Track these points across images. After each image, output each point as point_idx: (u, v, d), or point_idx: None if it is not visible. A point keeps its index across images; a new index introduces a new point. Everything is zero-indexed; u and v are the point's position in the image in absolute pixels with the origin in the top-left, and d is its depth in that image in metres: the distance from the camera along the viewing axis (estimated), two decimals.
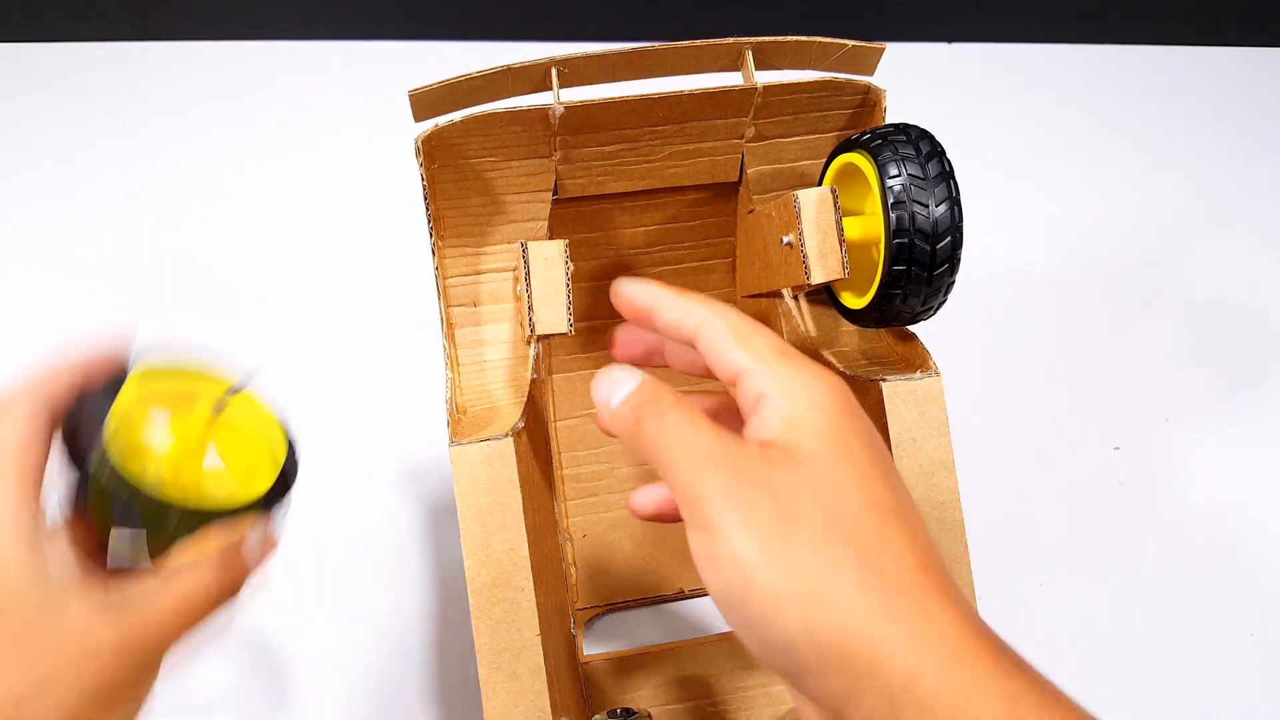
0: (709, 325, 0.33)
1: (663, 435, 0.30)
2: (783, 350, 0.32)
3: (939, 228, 0.39)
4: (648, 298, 0.35)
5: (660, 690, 0.52)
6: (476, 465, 0.38)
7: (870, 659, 0.26)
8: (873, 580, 0.27)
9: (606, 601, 0.56)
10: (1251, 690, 0.56)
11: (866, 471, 0.29)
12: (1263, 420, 0.69)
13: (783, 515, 0.28)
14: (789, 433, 0.30)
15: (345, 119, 0.80)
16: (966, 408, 0.64)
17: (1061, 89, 0.92)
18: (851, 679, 0.26)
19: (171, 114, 0.82)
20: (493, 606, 0.38)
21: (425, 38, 0.88)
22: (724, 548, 0.28)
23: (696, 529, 0.29)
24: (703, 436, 0.30)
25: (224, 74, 0.85)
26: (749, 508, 0.28)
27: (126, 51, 0.86)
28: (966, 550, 0.42)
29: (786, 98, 0.45)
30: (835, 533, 0.28)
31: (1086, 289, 0.76)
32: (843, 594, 0.27)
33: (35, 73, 0.84)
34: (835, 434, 0.30)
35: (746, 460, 0.29)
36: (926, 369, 0.42)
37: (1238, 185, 0.84)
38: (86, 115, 0.82)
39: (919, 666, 0.26)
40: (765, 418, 0.30)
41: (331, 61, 0.86)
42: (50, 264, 0.72)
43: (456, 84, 0.42)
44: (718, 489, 0.28)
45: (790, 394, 0.30)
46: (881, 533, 0.28)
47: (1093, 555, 0.62)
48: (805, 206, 0.41)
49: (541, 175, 0.46)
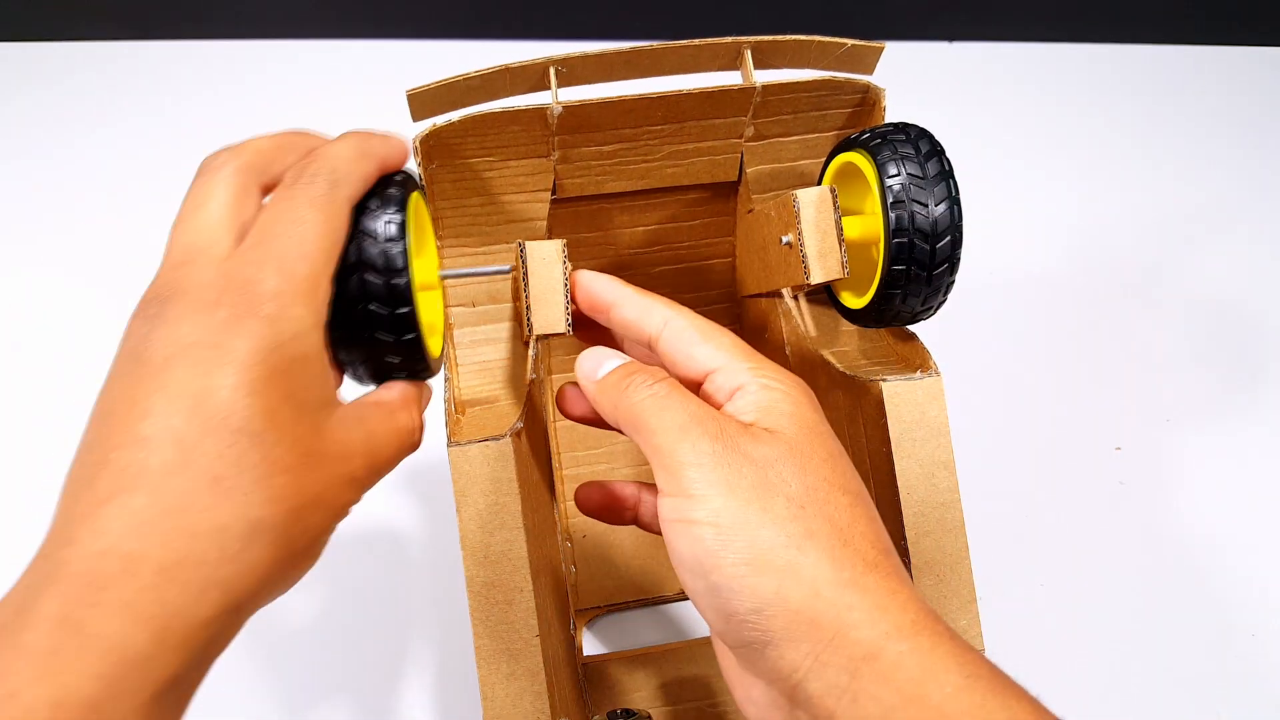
0: (674, 324, 0.34)
1: (650, 401, 0.31)
2: (749, 350, 0.33)
3: (938, 227, 0.39)
4: (610, 293, 0.36)
5: (660, 690, 0.51)
6: (475, 466, 0.38)
7: (836, 627, 0.27)
8: (843, 553, 0.28)
9: (606, 602, 0.56)
10: (1251, 690, 0.56)
11: (835, 459, 0.31)
12: (1264, 420, 0.69)
13: (763, 483, 0.29)
14: (767, 419, 0.31)
15: (346, 119, 0.80)
16: (968, 408, 0.64)
17: (1061, 89, 0.92)
18: (815, 647, 0.27)
19: (171, 113, 0.82)
20: (491, 608, 0.38)
21: (423, 37, 0.88)
22: (704, 512, 0.29)
23: (673, 494, 0.30)
24: (690, 406, 0.31)
25: (223, 73, 0.85)
26: (731, 474, 0.29)
27: (126, 51, 0.86)
28: (967, 550, 0.42)
29: (786, 97, 0.45)
30: (810, 506, 0.29)
31: (1087, 288, 0.76)
32: (816, 562, 0.28)
33: (35, 73, 0.84)
34: (808, 423, 0.31)
35: (731, 430, 0.30)
36: (927, 369, 0.42)
37: (1239, 184, 0.84)
38: (86, 115, 0.82)
39: (882, 637, 0.27)
40: (741, 406, 0.31)
41: (332, 61, 0.86)
42: (50, 263, 0.72)
43: (454, 84, 0.42)
44: (703, 454, 0.29)
45: (766, 386, 0.32)
46: (851, 514, 0.30)
47: (1094, 555, 0.62)
48: (804, 206, 0.41)
49: (540, 175, 0.46)
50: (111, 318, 0.68)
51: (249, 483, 0.26)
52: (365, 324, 0.33)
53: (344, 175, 0.31)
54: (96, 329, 0.68)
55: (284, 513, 0.27)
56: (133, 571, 0.25)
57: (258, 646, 0.55)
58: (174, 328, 0.27)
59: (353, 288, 0.32)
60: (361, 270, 0.32)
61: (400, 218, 0.33)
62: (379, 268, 0.32)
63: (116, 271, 0.72)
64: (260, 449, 0.27)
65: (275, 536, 0.27)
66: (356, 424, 0.31)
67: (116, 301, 0.69)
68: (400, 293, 0.33)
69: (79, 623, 0.24)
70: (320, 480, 0.29)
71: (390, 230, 0.33)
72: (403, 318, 0.33)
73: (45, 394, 0.65)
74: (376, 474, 0.32)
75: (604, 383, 0.34)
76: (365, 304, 0.32)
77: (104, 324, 0.69)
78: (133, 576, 0.25)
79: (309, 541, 0.29)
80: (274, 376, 0.28)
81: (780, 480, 0.29)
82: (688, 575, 0.29)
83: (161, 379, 0.27)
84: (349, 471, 0.30)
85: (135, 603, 0.24)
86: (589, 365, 0.35)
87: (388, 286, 0.32)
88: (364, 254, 0.32)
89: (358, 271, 0.32)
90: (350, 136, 0.33)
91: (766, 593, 0.28)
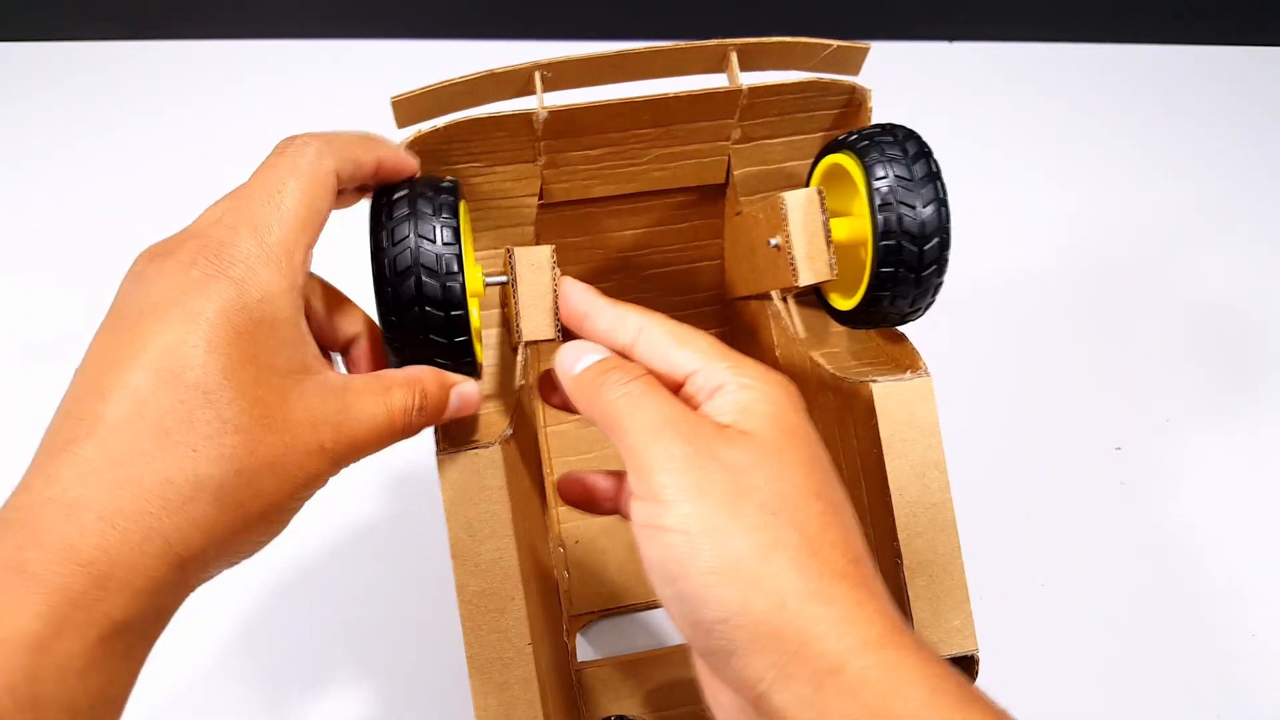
0: (649, 330, 0.34)
1: (624, 400, 0.31)
2: (726, 350, 0.33)
3: (926, 229, 0.39)
4: (583, 303, 0.36)
5: (654, 696, 0.51)
6: (464, 473, 0.38)
7: (801, 640, 0.27)
8: (810, 564, 0.28)
9: (600, 608, 0.56)
10: (1251, 690, 0.56)
11: (812, 463, 0.31)
12: (1264, 420, 0.69)
13: (734, 490, 0.29)
14: (744, 420, 0.31)
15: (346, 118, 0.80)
16: (969, 408, 0.64)
17: (1061, 89, 0.91)
18: (780, 659, 0.27)
19: (171, 113, 0.82)
20: (483, 616, 0.38)
21: (424, 37, 0.88)
22: (673, 518, 0.28)
23: (645, 498, 0.29)
24: (664, 407, 0.31)
25: (223, 73, 0.85)
26: (702, 479, 0.29)
27: (127, 51, 0.87)
28: (960, 551, 0.42)
29: (772, 99, 0.45)
30: (782, 514, 0.29)
31: (1088, 288, 0.76)
32: (782, 573, 0.28)
33: (35, 73, 0.85)
34: (787, 425, 0.31)
35: (705, 433, 0.30)
36: (917, 369, 0.42)
37: (1238, 185, 0.84)
38: (86, 115, 0.82)
39: (847, 651, 0.27)
40: (720, 405, 0.31)
41: (332, 60, 0.87)
42: (49, 263, 0.72)
43: (439, 90, 0.42)
44: (675, 458, 0.29)
45: (745, 386, 0.31)
46: (822, 522, 0.29)
47: (1094, 556, 0.62)
48: (792, 208, 0.41)
49: (527, 180, 0.46)
50: None
51: (198, 439, 0.27)
52: (419, 326, 0.34)
53: (334, 150, 0.32)
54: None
55: (233, 473, 0.28)
56: (74, 518, 0.25)
57: (251, 654, 0.55)
58: (151, 285, 0.29)
59: (409, 290, 0.33)
60: (418, 273, 0.33)
61: (455, 223, 0.34)
62: (435, 271, 0.33)
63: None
64: (213, 407, 0.27)
65: (223, 495, 0.28)
66: (334, 394, 0.31)
67: None
68: (455, 296, 0.34)
69: (22, 564, 0.25)
70: (278, 445, 0.29)
71: (445, 235, 0.34)
72: (456, 320, 0.34)
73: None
74: (354, 449, 0.32)
75: (580, 378, 0.33)
76: (420, 306, 0.33)
77: None
78: (74, 522, 0.25)
79: (264, 505, 0.29)
80: (238, 338, 0.28)
81: (752, 486, 0.29)
82: (657, 581, 0.29)
83: (131, 333, 0.28)
84: (316, 440, 0.30)
85: (76, 547, 0.25)
86: (568, 359, 0.34)
87: (443, 289, 0.33)
88: (421, 258, 0.33)
89: (414, 274, 0.33)
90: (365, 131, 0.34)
91: (733, 603, 0.27)
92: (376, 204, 0.35)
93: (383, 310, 0.34)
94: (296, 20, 0.88)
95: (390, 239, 0.34)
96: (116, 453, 0.26)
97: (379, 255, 0.34)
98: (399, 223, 0.34)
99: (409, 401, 0.33)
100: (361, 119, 0.71)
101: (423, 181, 0.36)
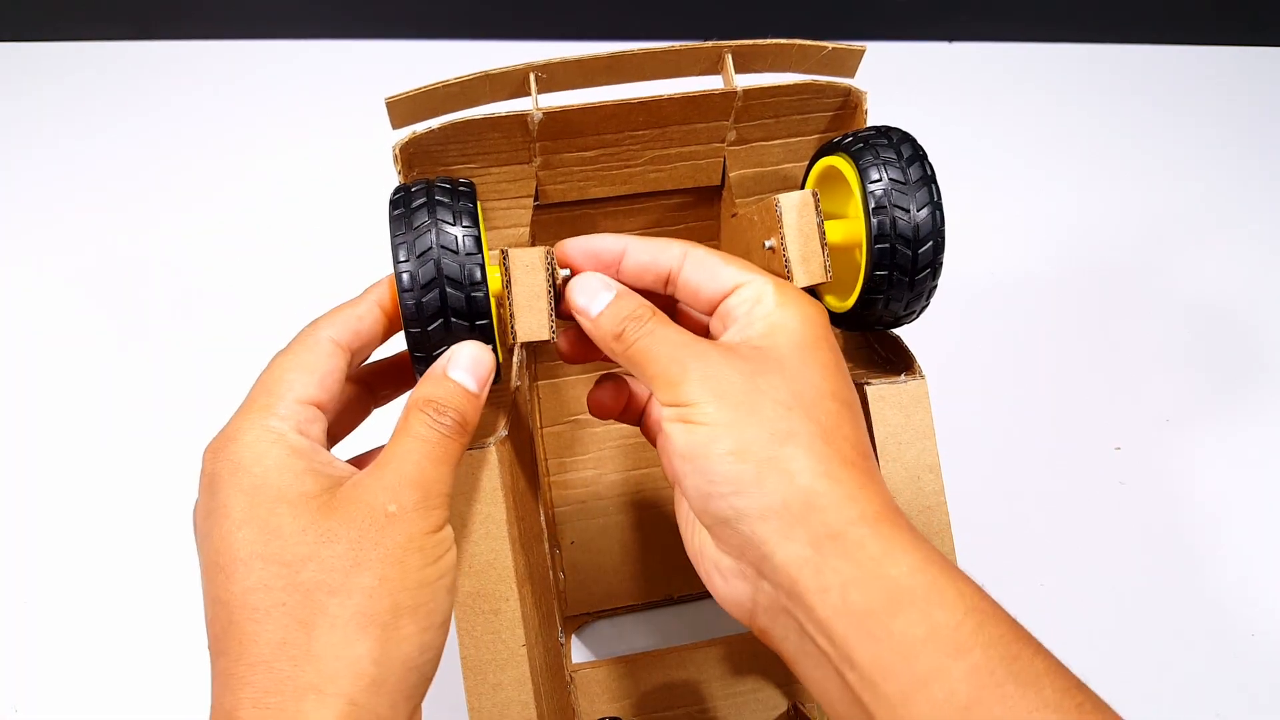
0: (694, 252, 0.37)
1: (646, 339, 0.34)
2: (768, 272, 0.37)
3: (920, 232, 0.39)
4: (615, 243, 0.38)
5: (650, 696, 0.51)
6: (459, 474, 0.38)
7: (807, 508, 0.30)
8: (823, 450, 0.32)
9: (595, 608, 0.56)
10: (1251, 690, 0.56)
11: (830, 370, 0.34)
12: (1263, 420, 0.69)
13: (752, 389, 0.32)
14: (770, 335, 0.34)
15: (346, 118, 0.80)
16: (969, 408, 0.64)
17: (1061, 89, 0.91)
18: (784, 524, 0.30)
19: (171, 113, 0.82)
20: (477, 617, 0.38)
21: (424, 36, 0.88)
22: (698, 414, 0.32)
23: (672, 404, 0.33)
24: (682, 335, 0.35)
25: (223, 73, 0.85)
26: (721, 382, 0.32)
27: (127, 51, 0.87)
28: (954, 553, 0.42)
29: (767, 101, 0.45)
30: (796, 409, 0.32)
31: (1088, 288, 0.76)
32: (794, 455, 0.31)
33: (35, 73, 0.85)
34: (810, 339, 0.34)
35: (720, 349, 0.34)
36: (911, 372, 0.42)
37: (1238, 185, 0.84)
38: (86, 115, 0.82)
39: (847, 521, 0.30)
40: (753, 318, 0.35)
41: (332, 60, 0.87)
42: (49, 263, 0.72)
43: (434, 91, 0.42)
44: (696, 370, 0.33)
45: (783, 303, 0.35)
46: (837, 418, 0.33)
47: (1094, 555, 0.62)
48: (786, 211, 0.41)
49: (522, 181, 0.46)
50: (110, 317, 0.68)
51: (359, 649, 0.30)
52: (445, 337, 0.34)
53: None
54: (95, 329, 0.69)
55: None
56: None
57: None
58: None
59: (433, 303, 0.33)
60: (443, 285, 0.33)
61: (476, 231, 0.34)
62: (460, 283, 0.33)
63: (116, 271, 0.72)
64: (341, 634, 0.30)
65: None
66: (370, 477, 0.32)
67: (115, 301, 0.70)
68: (480, 305, 0.34)
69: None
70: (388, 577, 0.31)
71: (468, 244, 0.34)
72: (481, 330, 0.34)
73: (44, 393, 0.66)
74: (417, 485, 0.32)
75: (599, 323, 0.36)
76: (446, 319, 0.34)
77: (103, 324, 0.70)
78: None
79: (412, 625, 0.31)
80: None
81: (770, 387, 0.32)
82: (678, 460, 0.33)
83: None
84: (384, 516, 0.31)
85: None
86: (583, 301, 0.37)
87: (468, 300, 0.34)
88: (444, 269, 0.33)
89: (439, 286, 0.33)
90: None
91: (747, 477, 0.31)
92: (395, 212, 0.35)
93: (409, 322, 0.34)
94: (295, 20, 0.88)
95: (411, 251, 0.34)
96: None
97: (400, 267, 0.34)
98: (420, 233, 0.34)
99: None
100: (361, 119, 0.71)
101: (439, 187, 0.35)
